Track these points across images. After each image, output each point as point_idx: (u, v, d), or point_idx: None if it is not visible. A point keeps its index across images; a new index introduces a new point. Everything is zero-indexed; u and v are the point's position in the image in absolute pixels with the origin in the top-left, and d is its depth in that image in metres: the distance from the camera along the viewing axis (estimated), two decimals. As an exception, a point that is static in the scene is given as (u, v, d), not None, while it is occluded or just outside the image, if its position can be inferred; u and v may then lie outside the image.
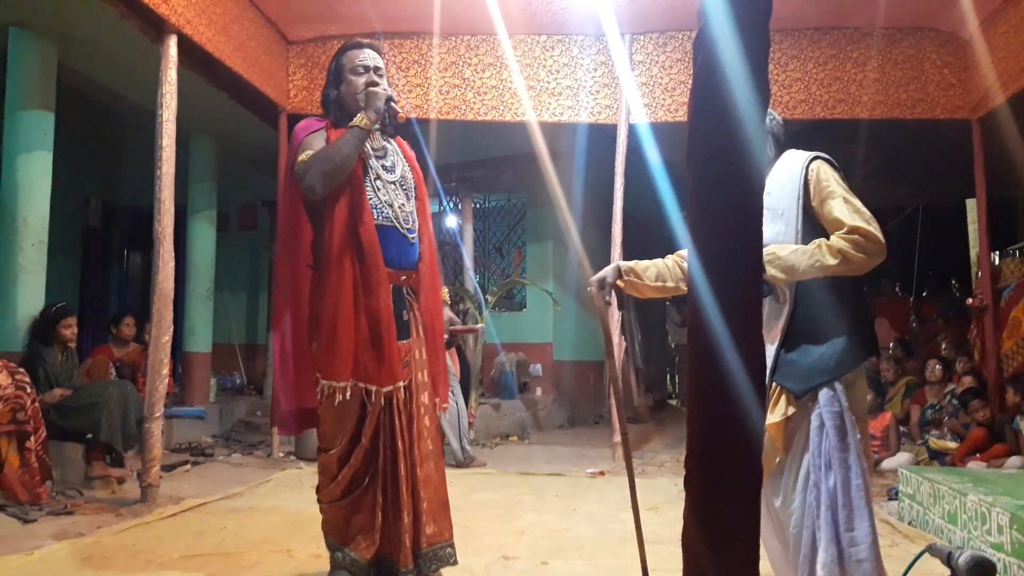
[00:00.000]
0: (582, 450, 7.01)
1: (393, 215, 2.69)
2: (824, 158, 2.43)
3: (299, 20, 6.32)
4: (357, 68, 2.79)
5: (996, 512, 3.31)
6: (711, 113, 1.15)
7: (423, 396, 2.72)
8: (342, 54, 2.85)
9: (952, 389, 6.52)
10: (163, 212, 4.60)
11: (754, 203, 1.20)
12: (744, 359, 1.14)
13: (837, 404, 2.29)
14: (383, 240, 2.65)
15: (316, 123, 2.75)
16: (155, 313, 4.59)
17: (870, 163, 8.19)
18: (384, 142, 2.83)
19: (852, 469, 2.26)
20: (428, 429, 2.70)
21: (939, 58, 6.26)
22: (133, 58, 5.96)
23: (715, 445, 1.15)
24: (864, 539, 2.21)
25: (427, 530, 2.60)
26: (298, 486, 5.16)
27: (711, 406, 1.14)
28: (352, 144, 2.59)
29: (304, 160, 2.59)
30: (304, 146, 2.65)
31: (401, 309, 2.69)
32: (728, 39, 1.13)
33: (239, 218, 9.82)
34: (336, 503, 2.62)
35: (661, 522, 4.23)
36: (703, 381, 1.15)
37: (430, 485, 2.65)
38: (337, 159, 2.56)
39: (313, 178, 2.55)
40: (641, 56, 6.51)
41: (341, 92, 2.79)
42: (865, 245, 2.24)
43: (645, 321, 10.74)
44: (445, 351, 2.98)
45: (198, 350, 7.91)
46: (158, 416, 4.54)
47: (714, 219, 1.17)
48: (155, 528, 4.00)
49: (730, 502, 1.15)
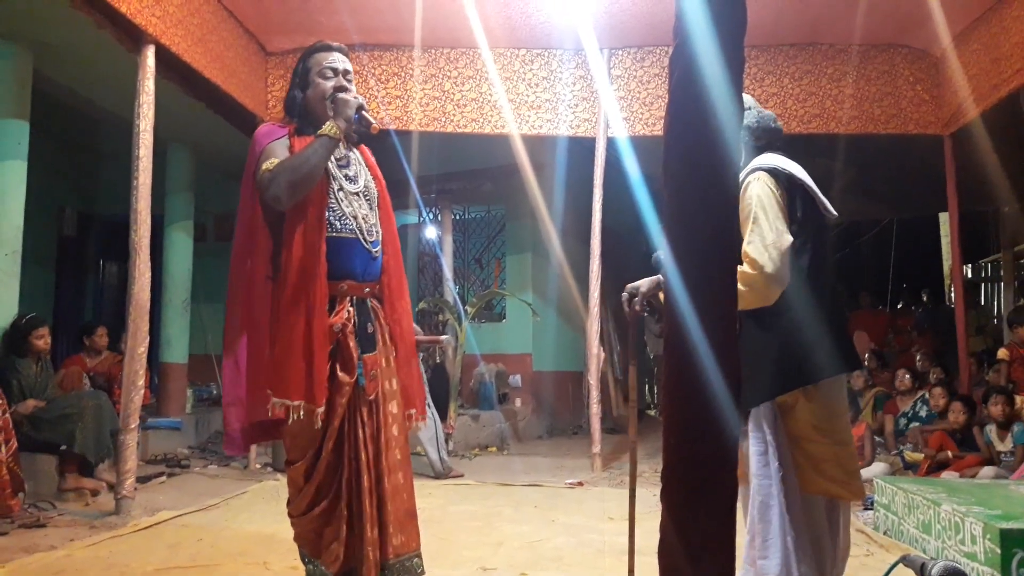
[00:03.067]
0: (561, 461, 7.01)
1: (357, 227, 2.61)
2: (766, 170, 2.31)
3: (278, 31, 6.31)
4: (325, 71, 2.67)
5: (969, 522, 3.35)
6: (687, 127, 1.17)
7: (391, 405, 2.65)
8: (309, 56, 2.74)
9: (922, 396, 6.64)
10: (140, 222, 4.57)
11: (729, 214, 1.22)
12: (720, 371, 1.16)
13: (759, 430, 2.27)
14: (347, 252, 2.58)
15: (278, 129, 2.65)
16: (131, 324, 4.55)
17: (845, 177, 8.30)
18: (347, 151, 2.72)
19: (773, 497, 2.20)
20: (396, 439, 2.64)
21: (912, 74, 6.37)
22: (110, 67, 5.91)
23: (691, 457, 1.16)
24: (773, 569, 2.17)
25: (394, 541, 2.55)
26: (275, 498, 5.11)
27: (687, 418, 1.15)
28: (320, 154, 2.50)
29: (269, 169, 2.49)
30: (267, 154, 2.55)
31: (366, 322, 2.63)
32: (703, 55, 1.15)
33: (216, 228, 9.74)
34: (304, 516, 2.58)
35: (640, 533, 4.23)
36: (679, 394, 1.16)
37: (398, 496, 2.59)
38: (305, 169, 2.46)
39: (279, 188, 2.45)
40: (619, 71, 6.56)
41: (307, 96, 2.68)
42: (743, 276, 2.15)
43: (623, 332, 10.77)
44: (417, 359, 2.93)
45: (175, 361, 7.84)
46: (133, 427, 4.50)
47: (690, 231, 1.19)
48: (129, 541, 3.96)
49: (706, 514, 1.16)
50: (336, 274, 2.55)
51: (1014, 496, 3.89)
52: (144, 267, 4.59)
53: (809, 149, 7.47)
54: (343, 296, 2.57)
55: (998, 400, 5.57)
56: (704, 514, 1.17)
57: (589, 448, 6.43)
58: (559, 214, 8.54)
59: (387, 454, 2.58)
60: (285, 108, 2.76)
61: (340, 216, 2.58)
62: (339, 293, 2.57)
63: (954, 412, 5.81)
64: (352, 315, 2.59)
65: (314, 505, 2.56)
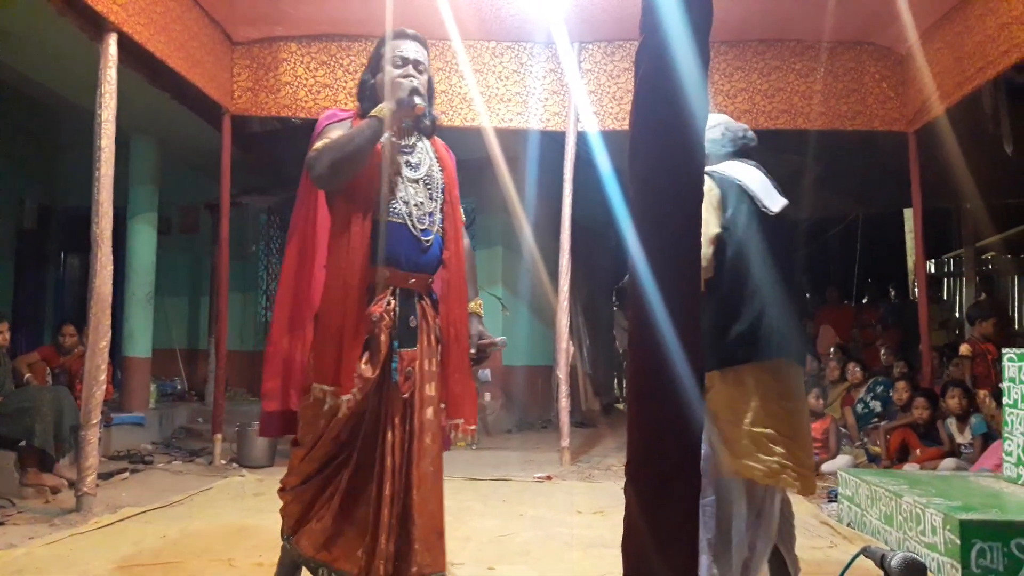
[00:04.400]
0: (530, 455, 7.02)
1: (407, 212, 2.49)
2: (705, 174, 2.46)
3: (244, 21, 6.22)
4: (396, 59, 2.57)
5: (930, 513, 3.41)
6: (653, 121, 1.17)
7: (427, 411, 2.48)
8: (384, 43, 2.63)
9: (873, 381, 6.80)
10: (101, 215, 4.48)
11: (695, 208, 1.22)
12: (684, 365, 1.15)
13: None
14: (393, 237, 2.46)
15: (341, 112, 2.58)
16: (92, 318, 4.47)
17: (813, 173, 8.38)
18: (416, 139, 2.63)
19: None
20: (428, 448, 2.46)
21: (878, 71, 6.44)
22: (71, 56, 5.79)
23: (655, 451, 1.16)
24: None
25: (419, 559, 2.38)
26: (240, 494, 5.06)
27: (651, 412, 1.15)
28: (366, 135, 2.40)
29: (317, 148, 2.41)
30: (322, 135, 2.47)
31: (408, 315, 2.48)
32: (670, 50, 1.14)
33: (181, 221, 9.60)
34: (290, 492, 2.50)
35: (608, 526, 4.26)
36: (643, 388, 1.16)
37: (426, 510, 2.42)
38: (349, 148, 2.38)
39: (321, 166, 2.38)
40: (590, 64, 6.56)
41: (376, 82, 2.60)
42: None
43: (593, 326, 10.80)
44: (470, 367, 2.66)
45: (138, 355, 7.72)
46: (95, 423, 4.42)
47: (656, 225, 1.19)
48: (90, 538, 3.89)
49: (670, 508, 1.16)
50: (378, 259, 2.44)
51: (973, 487, 3.96)
52: (106, 260, 4.50)
53: (777, 145, 7.53)
54: (384, 284, 2.46)
55: (955, 393, 5.69)
56: (669, 507, 1.17)
57: (558, 442, 6.44)
58: (530, 208, 8.52)
59: (418, 464, 2.43)
60: (357, 93, 2.70)
61: (391, 201, 2.48)
62: (380, 280, 2.45)
63: (918, 408, 5.91)
64: (393, 306, 2.47)
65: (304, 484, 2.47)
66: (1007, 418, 4.06)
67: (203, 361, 9.14)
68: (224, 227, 6.45)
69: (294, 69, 6.50)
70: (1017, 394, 3.97)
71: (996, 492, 3.83)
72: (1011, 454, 4.00)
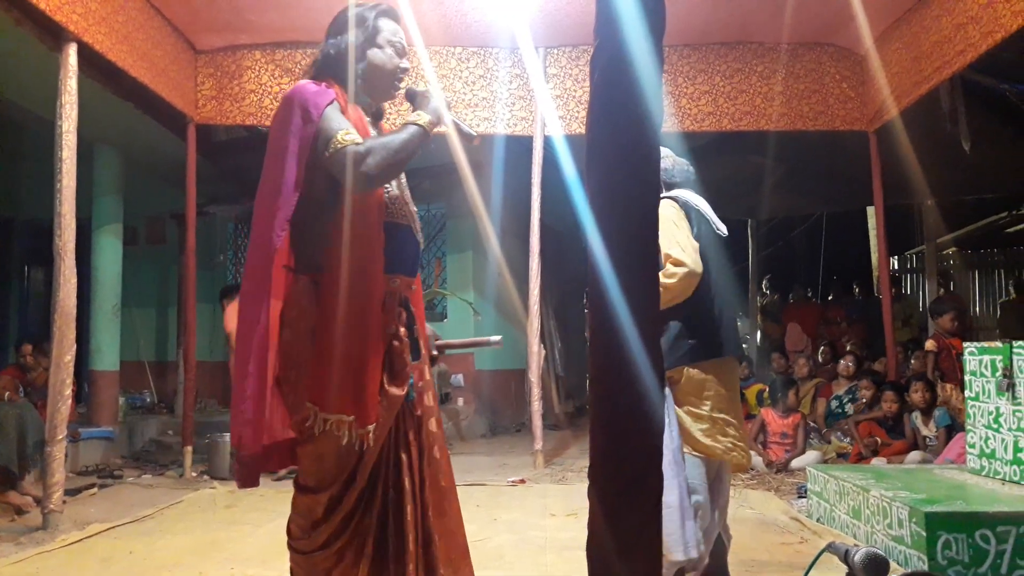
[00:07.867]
0: (503, 459, 7.02)
1: (408, 214, 2.28)
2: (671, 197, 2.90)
3: (207, 29, 6.17)
4: (396, 44, 2.34)
5: (896, 506, 3.47)
6: (608, 124, 1.18)
7: (431, 423, 2.28)
8: (381, 16, 2.35)
9: (855, 385, 6.86)
10: (64, 227, 4.42)
11: (651, 210, 1.24)
12: (645, 368, 1.17)
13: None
14: (400, 241, 2.21)
15: (326, 90, 2.19)
16: (56, 331, 4.40)
17: (776, 173, 8.48)
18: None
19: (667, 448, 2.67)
20: (439, 463, 2.26)
21: (838, 72, 6.54)
22: (30, 65, 5.70)
23: (617, 454, 1.17)
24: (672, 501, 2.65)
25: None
26: (211, 507, 5.01)
27: (613, 415, 1.16)
28: (416, 144, 2.18)
29: (356, 142, 2.06)
30: (332, 118, 2.11)
31: (412, 324, 2.25)
32: (624, 54, 1.16)
33: (147, 232, 9.49)
34: (319, 553, 2.09)
35: (582, 528, 4.25)
36: (605, 391, 1.17)
37: (447, 529, 2.21)
38: (401, 156, 2.13)
39: (376, 167, 2.06)
40: (555, 69, 6.60)
41: (370, 57, 2.31)
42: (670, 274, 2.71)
43: (564, 329, 10.83)
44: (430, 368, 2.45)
45: (105, 368, 7.59)
46: (60, 438, 4.34)
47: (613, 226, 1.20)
48: (57, 556, 3.83)
49: (634, 509, 1.18)
50: (388, 267, 2.16)
51: (938, 480, 4.03)
52: (70, 272, 4.44)
53: (741, 146, 7.62)
54: (393, 294, 2.19)
55: (918, 387, 5.80)
56: (632, 509, 1.18)
57: (532, 445, 6.45)
58: (498, 212, 8.54)
59: (433, 481, 2.23)
60: (329, 54, 2.33)
61: (393, 199, 2.25)
62: (391, 290, 2.18)
63: (887, 401, 6.01)
64: (405, 317, 2.23)
65: (333, 541, 2.10)
66: (969, 411, 4.14)
67: (172, 373, 9.04)
68: (191, 237, 6.39)
69: (258, 77, 6.46)
70: (979, 387, 4.05)
71: (960, 484, 3.90)
72: (974, 446, 4.08)
